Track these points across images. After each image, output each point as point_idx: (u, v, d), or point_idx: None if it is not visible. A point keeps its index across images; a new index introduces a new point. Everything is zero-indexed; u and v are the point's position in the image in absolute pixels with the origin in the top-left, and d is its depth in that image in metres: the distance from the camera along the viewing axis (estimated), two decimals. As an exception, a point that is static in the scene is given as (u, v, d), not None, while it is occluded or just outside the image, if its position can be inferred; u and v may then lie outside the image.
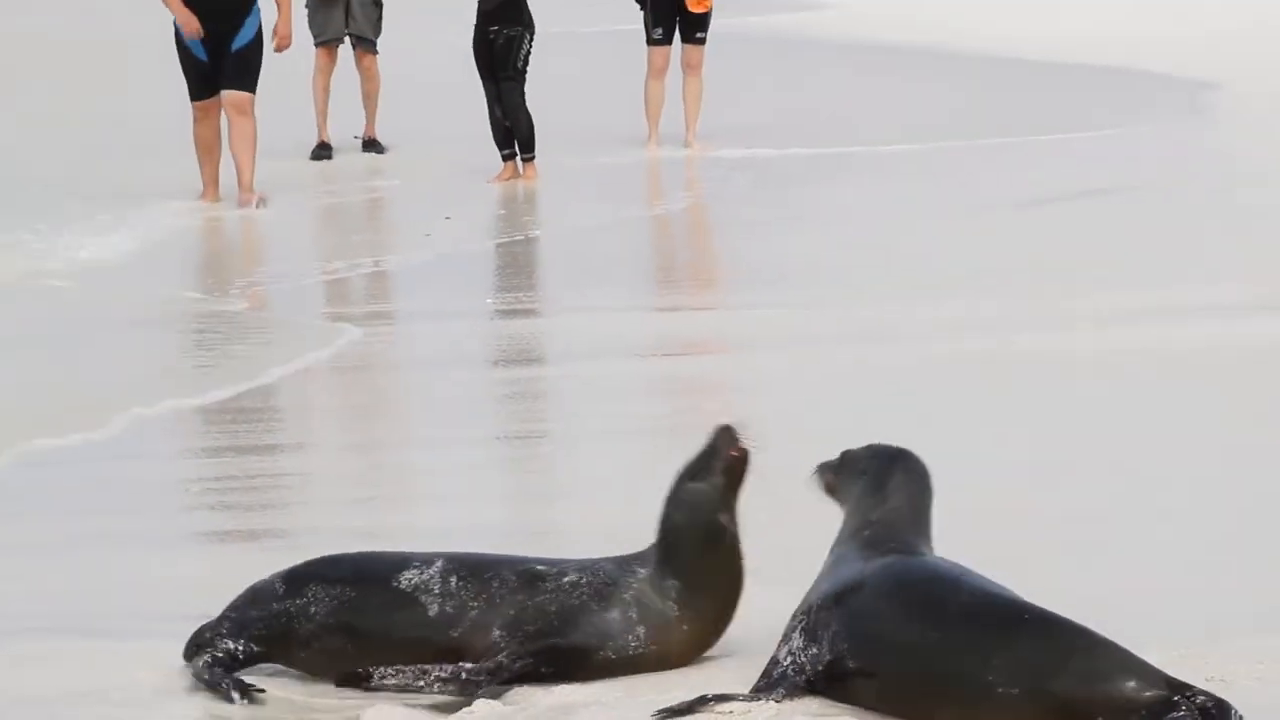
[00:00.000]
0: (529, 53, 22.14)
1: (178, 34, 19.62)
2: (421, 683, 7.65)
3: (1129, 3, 42.24)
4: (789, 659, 7.56)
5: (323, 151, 23.92)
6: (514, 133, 22.06)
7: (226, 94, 19.70)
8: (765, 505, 8.21)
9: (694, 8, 24.20)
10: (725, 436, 7.88)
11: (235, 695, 7.69)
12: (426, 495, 11.37)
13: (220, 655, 7.81)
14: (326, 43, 24.33)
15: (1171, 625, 7.94)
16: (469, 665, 7.68)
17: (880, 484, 7.87)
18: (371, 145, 24.30)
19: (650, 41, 24.56)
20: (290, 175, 22.43)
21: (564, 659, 7.72)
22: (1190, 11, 39.59)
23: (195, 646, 7.87)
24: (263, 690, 7.71)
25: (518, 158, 22.18)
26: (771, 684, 7.55)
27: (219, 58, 19.53)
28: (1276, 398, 12.58)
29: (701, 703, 7.50)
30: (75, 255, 17.53)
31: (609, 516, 8.88)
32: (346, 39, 24.40)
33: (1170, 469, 11.07)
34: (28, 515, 10.80)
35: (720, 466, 7.85)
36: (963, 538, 7.95)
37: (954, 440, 11.78)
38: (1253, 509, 10.24)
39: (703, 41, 24.41)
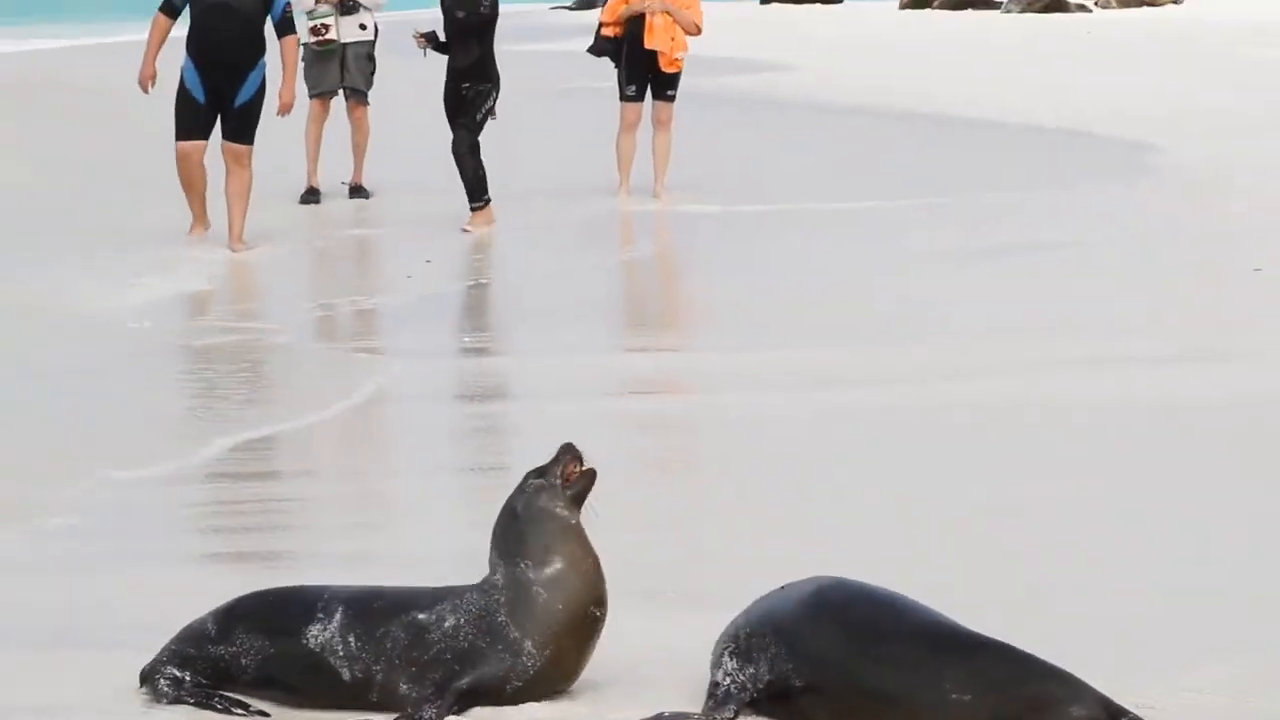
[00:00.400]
0: (491, 109, 22.03)
1: (183, 76, 19.58)
2: None
3: (1083, 71, 42.42)
4: (728, 680, 7.63)
5: (311, 196, 23.97)
6: (464, 178, 21.99)
7: (227, 145, 19.68)
8: (707, 533, 8.23)
9: (666, 68, 24.27)
10: (567, 451, 7.86)
11: (221, 707, 7.75)
12: (406, 521, 11.35)
13: (175, 679, 7.85)
14: (321, 94, 24.42)
15: (1114, 656, 7.96)
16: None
17: None
18: (358, 191, 24.38)
19: (623, 98, 24.62)
20: (281, 218, 22.41)
21: (475, 697, 7.70)
22: (1140, 83, 39.76)
23: (147, 673, 7.93)
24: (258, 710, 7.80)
25: (490, 204, 21.92)
26: (720, 702, 7.56)
27: (218, 108, 19.45)
28: (1213, 445, 12.55)
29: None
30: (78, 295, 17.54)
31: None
32: (340, 91, 24.42)
33: (1112, 510, 11.07)
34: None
35: (559, 471, 7.83)
36: (917, 569, 7.95)
37: (900, 479, 11.81)
38: (1191, 547, 10.24)
39: (672, 99, 24.49)
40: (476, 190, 22.13)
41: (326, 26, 24.28)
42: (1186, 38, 52.52)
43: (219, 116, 19.66)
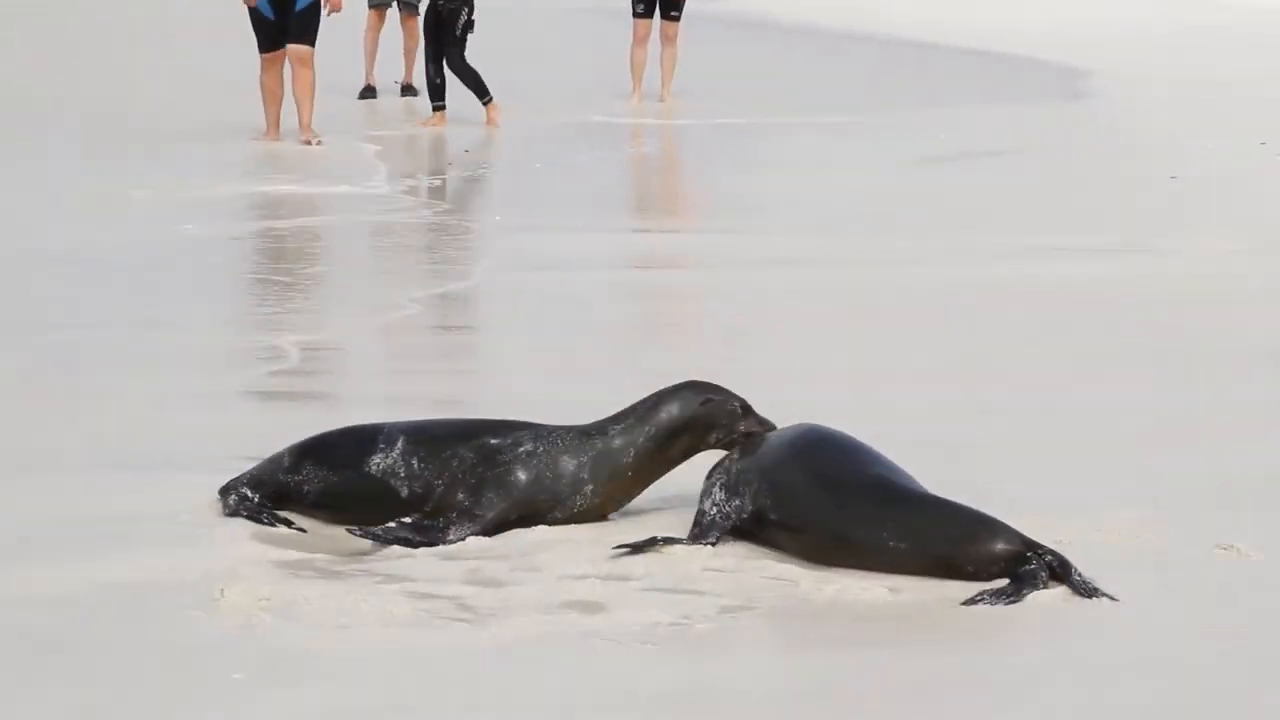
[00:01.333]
0: (468, 22, 21.96)
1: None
2: (401, 539, 7.65)
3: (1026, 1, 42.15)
4: (714, 509, 7.66)
5: (368, 93, 23.97)
6: (467, 86, 22.05)
7: (291, 47, 19.58)
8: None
9: None
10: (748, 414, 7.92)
11: (269, 521, 7.81)
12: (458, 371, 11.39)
13: (242, 497, 7.88)
14: (378, 6, 24.40)
15: (1034, 500, 7.95)
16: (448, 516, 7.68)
17: None
18: (408, 90, 24.35)
19: (635, 15, 24.64)
20: (342, 112, 22.36)
21: (516, 522, 7.74)
22: (1076, 13, 39.50)
23: (223, 490, 7.99)
24: (296, 525, 7.85)
25: (445, 109, 22.10)
26: (704, 530, 7.60)
27: (284, 17, 19.33)
28: (1136, 319, 12.57)
29: (651, 544, 7.56)
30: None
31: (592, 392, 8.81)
32: (394, 3, 24.40)
33: (1040, 374, 11.10)
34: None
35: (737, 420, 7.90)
36: (875, 417, 7.99)
37: (864, 344, 11.83)
38: (1107, 409, 10.26)
39: (677, 19, 24.53)
40: (480, 90, 22.19)
41: None
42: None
43: (284, 26, 19.57)
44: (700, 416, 7.82)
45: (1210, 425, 10.01)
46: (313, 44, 19.65)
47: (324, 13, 19.66)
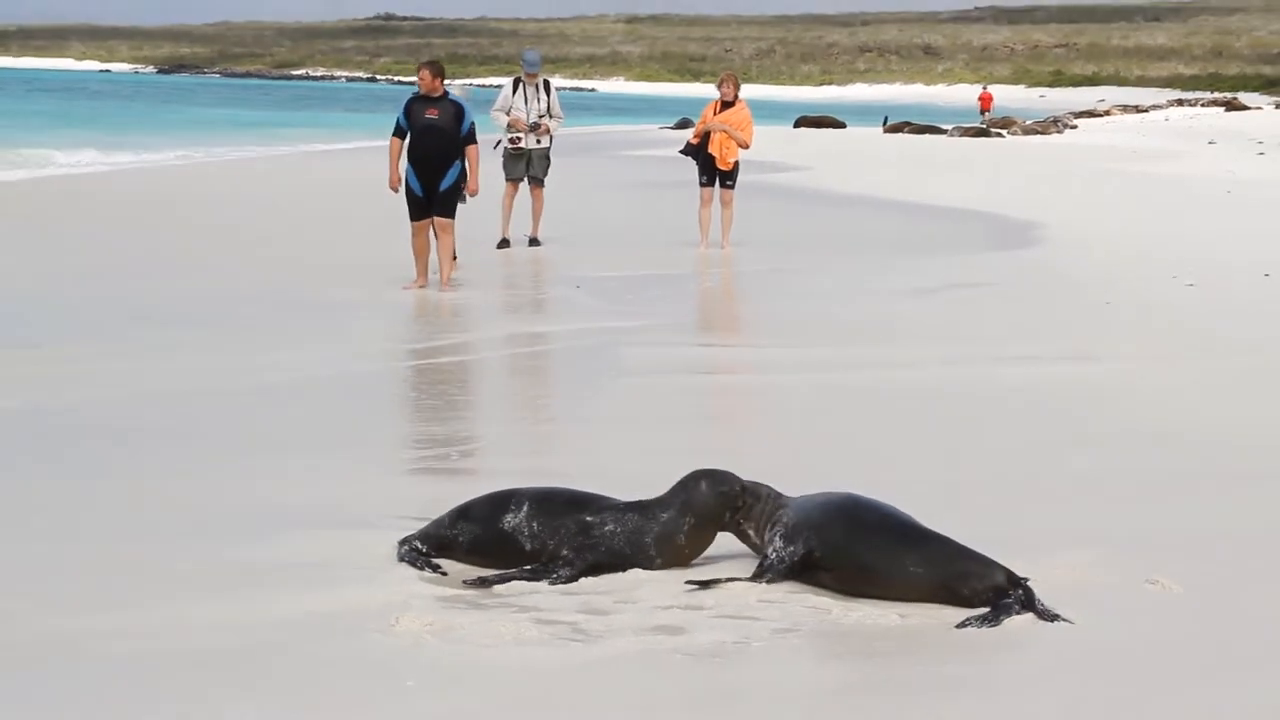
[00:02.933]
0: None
1: (406, 178, 19.51)
2: (524, 577, 7.77)
3: (1000, 176, 42.23)
4: (774, 554, 7.70)
5: (504, 244, 24.06)
6: None
7: (436, 219, 19.55)
8: (749, 459, 8.25)
9: (721, 166, 24.49)
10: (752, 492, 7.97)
11: (425, 568, 7.91)
12: (566, 450, 11.39)
13: (414, 548, 8.01)
14: (514, 180, 24.57)
15: (1010, 543, 7.87)
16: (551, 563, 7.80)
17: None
18: (534, 242, 24.39)
19: (700, 184, 24.75)
20: (484, 259, 22.50)
21: (602, 570, 7.82)
22: (1035, 183, 39.60)
23: (400, 542, 8.14)
24: (443, 570, 7.92)
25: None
26: (762, 571, 7.62)
27: (431, 194, 19.43)
28: (1077, 408, 12.54)
29: (717, 581, 7.57)
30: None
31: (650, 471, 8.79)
32: (525, 178, 24.61)
33: (1011, 450, 11.06)
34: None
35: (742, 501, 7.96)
36: (888, 485, 7.99)
37: (875, 431, 11.80)
38: (1057, 475, 10.22)
39: (731, 187, 24.62)
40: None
41: (519, 139, 24.55)
42: (1065, 155, 52.24)
43: (432, 201, 19.55)
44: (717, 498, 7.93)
45: (1132, 488, 9.99)
46: (453, 215, 19.59)
47: (465, 195, 19.77)
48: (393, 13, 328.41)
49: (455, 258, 20.01)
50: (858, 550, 7.50)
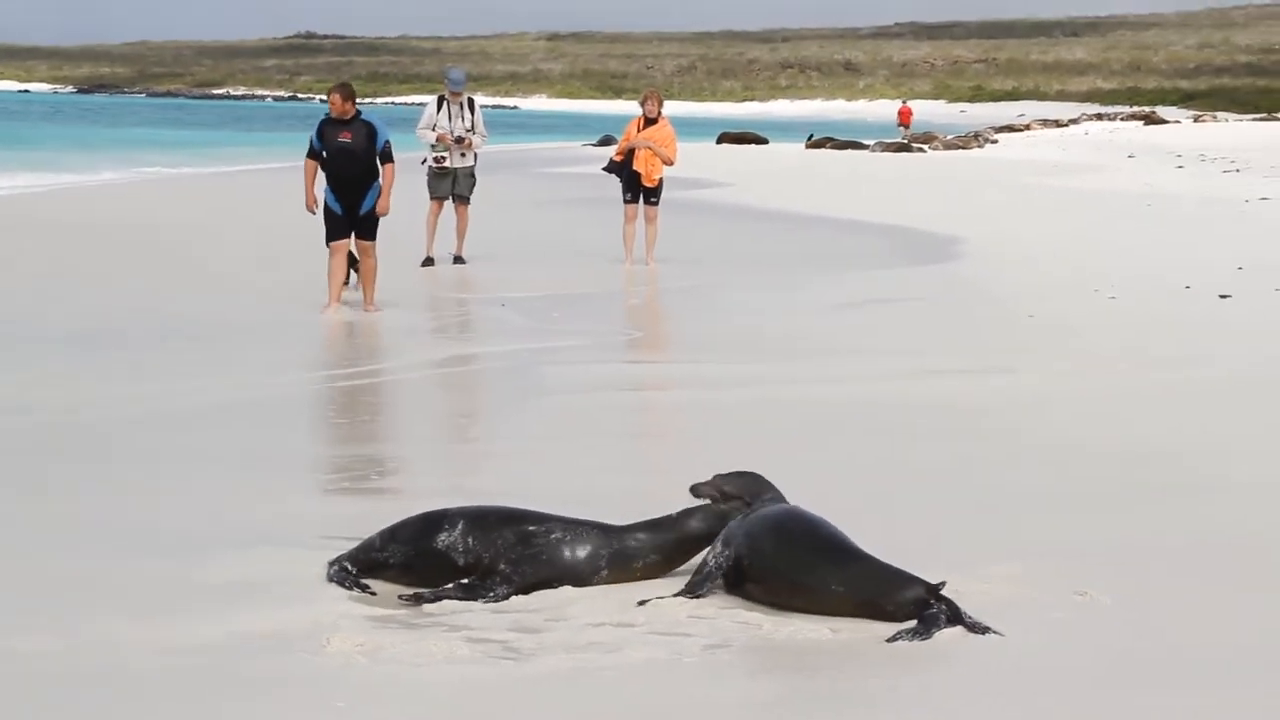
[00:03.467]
0: None
1: (325, 199, 19.34)
2: (459, 595, 7.72)
3: (919, 190, 42.46)
4: (712, 560, 7.71)
5: (428, 263, 24.05)
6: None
7: (359, 241, 19.45)
8: (680, 475, 8.25)
9: (646, 183, 24.61)
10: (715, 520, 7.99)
11: (354, 589, 7.88)
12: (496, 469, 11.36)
13: (343, 569, 7.96)
14: (439, 198, 24.56)
15: (936, 557, 7.94)
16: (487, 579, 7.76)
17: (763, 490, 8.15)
18: (459, 260, 24.38)
19: (624, 201, 24.83)
20: (409, 277, 22.44)
21: (541, 586, 7.81)
22: (954, 197, 39.81)
23: (330, 563, 8.10)
24: (372, 590, 7.88)
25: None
26: (694, 584, 7.67)
27: (352, 215, 19.31)
28: (999, 419, 12.59)
29: (647, 600, 7.59)
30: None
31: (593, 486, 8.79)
32: (450, 196, 24.61)
33: (930, 463, 11.10)
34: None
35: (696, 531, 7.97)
36: (816, 492, 8.00)
37: (803, 442, 11.82)
38: (983, 488, 10.26)
39: (655, 203, 24.74)
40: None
41: (444, 158, 24.54)
42: (986, 169, 52.53)
43: (351, 223, 19.39)
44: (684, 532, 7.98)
45: (1058, 500, 10.04)
46: (374, 238, 19.45)
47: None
48: (313, 31, 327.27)
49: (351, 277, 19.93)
50: (783, 564, 7.52)
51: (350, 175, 19.18)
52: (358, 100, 19.61)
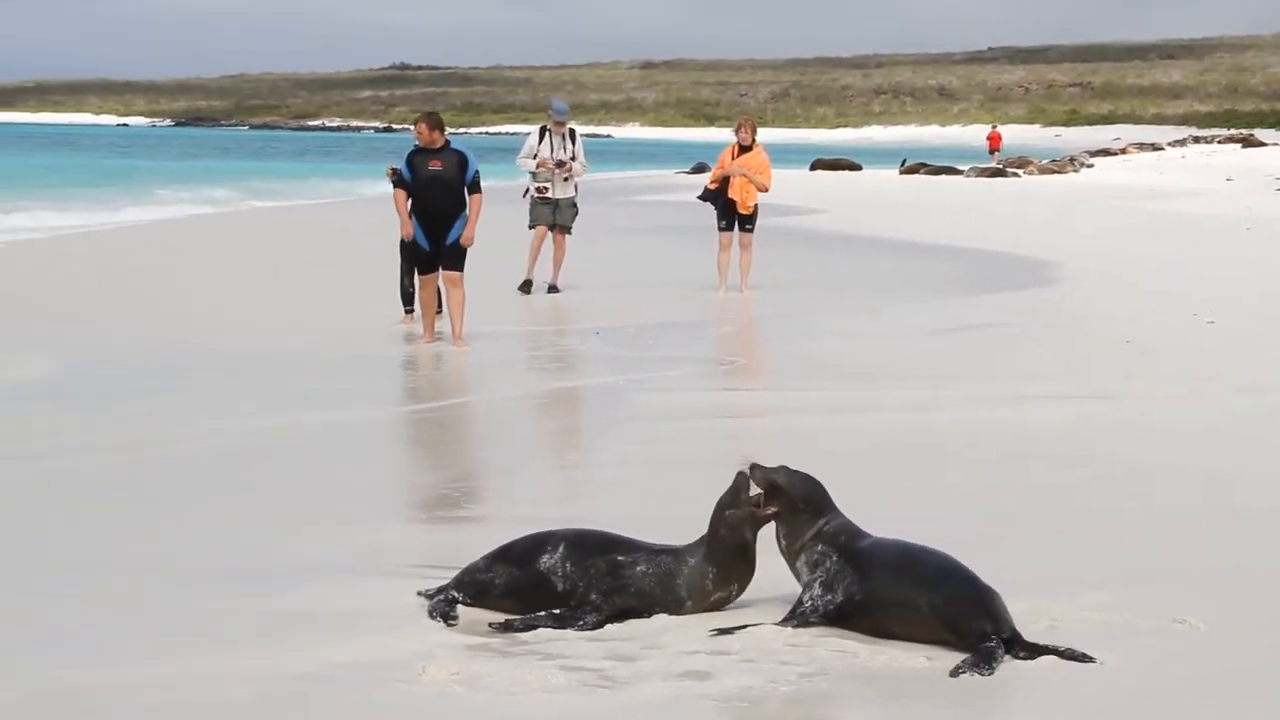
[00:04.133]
0: None
1: (414, 231, 19.28)
2: (550, 624, 7.75)
3: (1016, 214, 42.27)
4: (810, 602, 7.68)
5: (526, 287, 24.24)
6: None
7: (445, 272, 19.27)
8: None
9: (742, 210, 24.71)
10: (745, 484, 7.97)
11: (441, 620, 7.89)
12: (590, 496, 11.38)
13: (444, 598, 8.04)
14: (541, 226, 24.77)
15: (1034, 583, 7.88)
16: (578, 609, 7.80)
17: (818, 501, 7.92)
18: (553, 289, 24.46)
19: (720, 229, 24.85)
20: (502, 306, 22.49)
21: (632, 615, 7.83)
22: (1051, 221, 39.61)
23: (434, 591, 8.18)
24: (456, 618, 7.92)
25: (414, 311, 21.16)
26: (791, 617, 7.60)
27: (438, 247, 19.20)
28: (1099, 445, 12.50)
29: (741, 628, 7.56)
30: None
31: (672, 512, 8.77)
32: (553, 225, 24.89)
33: (1034, 486, 11.03)
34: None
35: (748, 502, 7.85)
36: (919, 523, 7.97)
37: (899, 471, 11.76)
38: (1080, 516, 10.19)
39: (751, 230, 24.78)
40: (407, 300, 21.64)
41: (546, 188, 24.81)
42: (1081, 193, 52.31)
43: (438, 254, 19.25)
44: (733, 525, 7.91)
45: (1155, 526, 9.97)
46: (462, 269, 19.25)
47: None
48: (407, 62, 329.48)
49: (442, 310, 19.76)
50: (896, 595, 7.46)
51: (440, 205, 19.07)
52: (452, 130, 19.69)
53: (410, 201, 19.23)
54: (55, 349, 18.06)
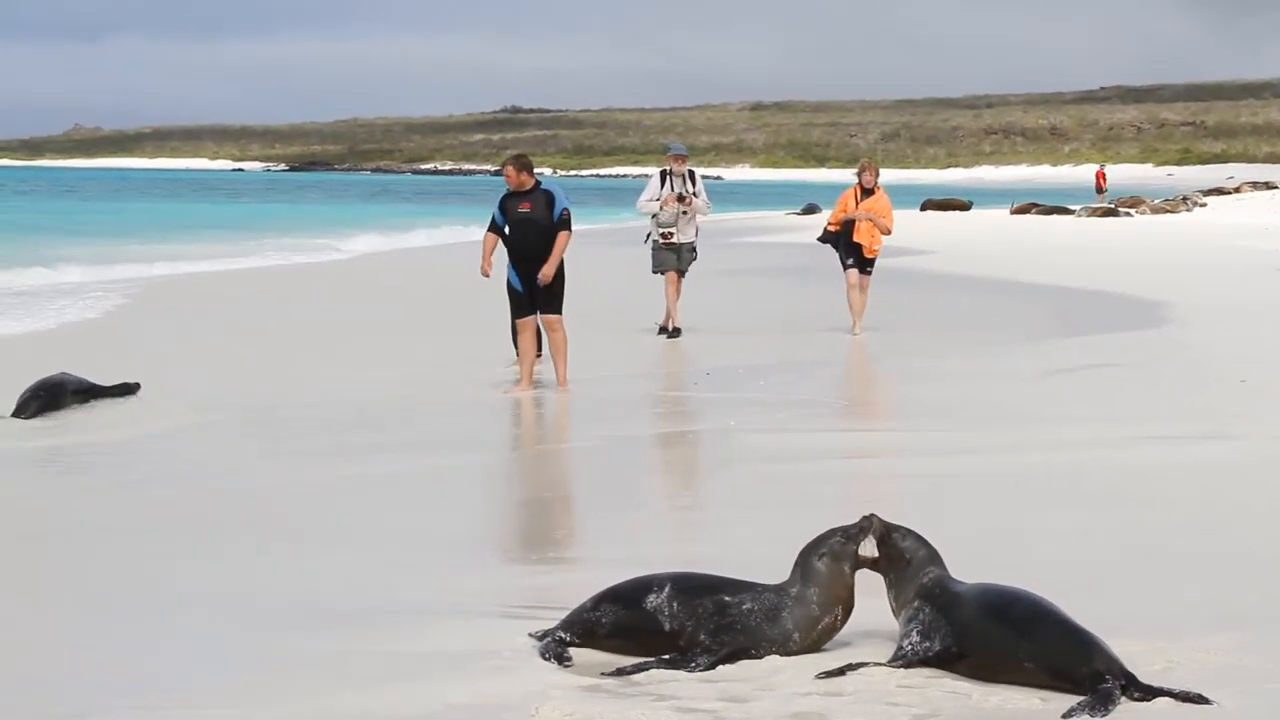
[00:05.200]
0: None
1: (509, 275, 19.02)
2: (662, 666, 7.73)
3: (1128, 255, 42.03)
4: (910, 648, 7.62)
5: (676, 334, 24.52)
6: None
7: (543, 317, 19.00)
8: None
9: (868, 254, 24.91)
10: (867, 523, 7.93)
11: (554, 661, 7.88)
12: (697, 538, 11.37)
13: (555, 639, 8.04)
14: (667, 271, 24.95)
15: (1150, 625, 7.82)
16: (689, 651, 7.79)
17: (922, 557, 7.88)
18: (676, 332, 24.34)
19: (845, 268, 24.90)
20: (608, 351, 22.48)
21: (743, 655, 7.79)
22: (1164, 262, 39.39)
23: (544, 633, 8.15)
24: (570, 660, 7.88)
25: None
26: (897, 657, 7.55)
27: (533, 290, 18.94)
28: (1214, 490, 12.39)
29: (850, 668, 7.53)
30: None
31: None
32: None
33: (1149, 528, 10.96)
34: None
35: (858, 540, 7.86)
36: (1028, 567, 7.91)
37: (1009, 512, 11.69)
38: (1200, 557, 10.10)
39: (870, 272, 24.83)
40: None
41: (671, 233, 25.00)
42: (1195, 233, 51.94)
43: (533, 295, 18.96)
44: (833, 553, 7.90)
45: (1272, 567, 9.87)
46: (560, 311, 18.93)
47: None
48: (519, 105, 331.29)
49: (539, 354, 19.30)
50: (996, 644, 7.41)
51: (532, 247, 18.74)
52: (563, 172, 19.73)
53: (506, 246, 18.93)
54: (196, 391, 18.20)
